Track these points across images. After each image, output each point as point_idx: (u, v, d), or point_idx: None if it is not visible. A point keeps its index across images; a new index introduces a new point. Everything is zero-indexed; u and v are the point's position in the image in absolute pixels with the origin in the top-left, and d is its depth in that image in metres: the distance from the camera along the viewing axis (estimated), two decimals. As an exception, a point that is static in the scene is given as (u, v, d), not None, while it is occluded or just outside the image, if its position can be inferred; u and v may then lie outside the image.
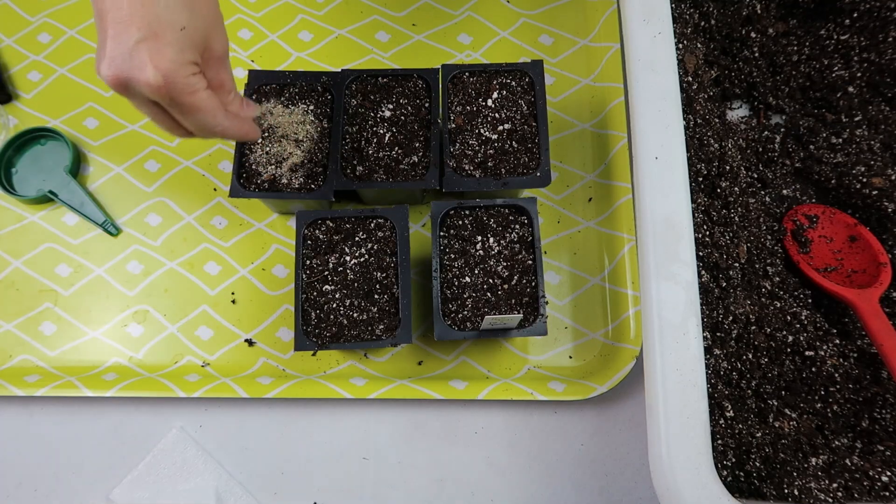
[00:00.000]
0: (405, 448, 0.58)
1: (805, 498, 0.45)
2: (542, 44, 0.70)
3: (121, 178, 0.65)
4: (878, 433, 0.50)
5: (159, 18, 0.39)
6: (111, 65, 0.39)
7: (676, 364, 0.43)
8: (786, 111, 0.63)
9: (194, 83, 0.41)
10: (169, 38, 0.39)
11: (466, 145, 0.58)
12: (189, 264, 0.62)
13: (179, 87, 0.40)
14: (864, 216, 0.58)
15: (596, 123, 0.66)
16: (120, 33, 0.38)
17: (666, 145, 0.47)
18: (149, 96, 0.40)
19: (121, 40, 0.38)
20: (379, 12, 0.71)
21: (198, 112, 0.42)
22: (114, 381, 0.58)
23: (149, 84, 0.39)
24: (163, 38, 0.39)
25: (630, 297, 0.58)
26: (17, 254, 0.63)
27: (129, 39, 0.38)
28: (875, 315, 0.51)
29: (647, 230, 0.46)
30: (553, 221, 0.63)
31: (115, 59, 0.38)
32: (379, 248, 0.56)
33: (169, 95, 0.40)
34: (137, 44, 0.38)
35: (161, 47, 0.39)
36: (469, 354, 0.60)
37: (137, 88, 0.39)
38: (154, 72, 0.39)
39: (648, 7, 0.51)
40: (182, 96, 0.40)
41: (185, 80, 0.40)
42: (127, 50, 0.38)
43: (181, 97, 0.40)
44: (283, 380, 0.58)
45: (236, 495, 0.56)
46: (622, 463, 0.57)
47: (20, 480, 0.57)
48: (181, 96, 0.40)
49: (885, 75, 0.60)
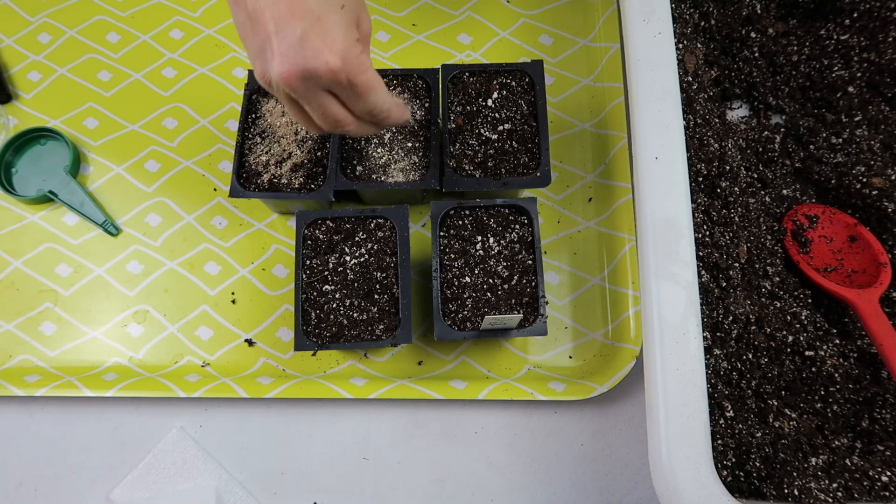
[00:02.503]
0: (405, 448, 0.58)
1: (805, 498, 0.45)
2: (542, 44, 0.70)
3: (121, 178, 0.65)
4: (878, 433, 0.50)
5: (319, 2, 0.37)
6: (284, 60, 0.37)
7: (676, 364, 0.43)
8: (786, 111, 0.63)
9: (365, 61, 0.39)
10: (334, 19, 0.38)
11: (466, 145, 0.58)
12: (189, 264, 0.62)
13: (355, 67, 0.38)
14: (864, 216, 0.58)
15: (596, 123, 0.66)
16: (283, 27, 0.37)
17: (666, 145, 0.47)
18: (326, 84, 0.39)
19: (287, 34, 0.37)
20: (379, 12, 0.71)
21: (371, 91, 0.40)
22: (114, 381, 0.58)
23: (328, 69, 0.37)
24: (328, 21, 0.37)
25: (630, 297, 0.58)
26: (17, 254, 0.63)
27: (295, 30, 0.37)
28: (875, 315, 0.51)
29: (647, 230, 0.46)
30: (553, 221, 0.63)
31: (286, 53, 0.37)
32: (379, 248, 0.56)
33: (347, 77, 0.38)
34: (305, 32, 0.37)
35: (329, 29, 0.37)
36: (469, 354, 0.60)
37: (316, 77, 0.38)
38: (331, 55, 0.37)
39: (648, 7, 0.51)
40: (358, 76, 0.39)
41: (358, 58, 0.39)
42: (296, 41, 0.37)
43: (357, 76, 0.39)
44: (283, 380, 0.58)
45: (236, 495, 0.56)
46: (622, 463, 0.57)
47: (20, 480, 0.57)
48: (357, 76, 0.39)
49: (885, 75, 0.60)
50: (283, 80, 0.38)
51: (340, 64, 0.37)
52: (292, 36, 0.37)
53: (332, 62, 0.37)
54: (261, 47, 0.38)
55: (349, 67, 0.38)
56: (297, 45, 0.37)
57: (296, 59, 0.37)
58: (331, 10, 0.38)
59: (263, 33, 0.37)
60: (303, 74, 0.37)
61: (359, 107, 0.41)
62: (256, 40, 0.38)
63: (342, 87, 0.39)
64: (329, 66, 0.37)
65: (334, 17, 0.38)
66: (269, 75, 0.39)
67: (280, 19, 0.37)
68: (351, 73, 0.38)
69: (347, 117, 0.42)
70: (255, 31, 0.38)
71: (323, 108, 0.41)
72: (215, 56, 0.70)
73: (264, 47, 0.38)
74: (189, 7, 0.71)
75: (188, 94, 0.68)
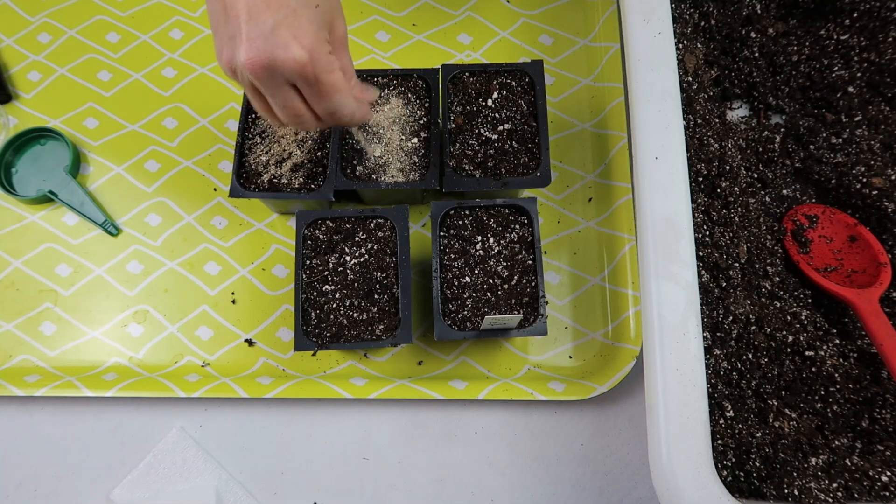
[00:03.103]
0: (405, 448, 0.58)
1: (805, 498, 0.45)
2: (542, 44, 0.70)
3: (121, 178, 0.65)
4: (878, 433, 0.50)
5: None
6: (251, 47, 0.37)
7: (676, 364, 0.43)
8: (786, 111, 0.63)
9: (332, 61, 0.40)
10: (308, 16, 0.38)
11: (466, 145, 0.58)
12: (189, 264, 0.62)
13: (322, 65, 0.39)
14: (864, 216, 0.58)
15: (596, 123, 0.66)
16: (257, 15, 0.37)
17: (666, 145, 0.47)
18: (291, 77, 0.39)
19: (258, 21, 0.37)
20: (379, 12, 0.71)
21: (335, 93, 0.41)
22: (114, 381, 0.58)
23: (294, 61, 0.38)
24: (302, 16, 0.38)
25: (630, 297, 0.58)
26: (17, 254, 0.63)
27: (267, 20, 0.37)
28: (875, 315, 0.51)
29: (647, 230, 0.46)
30: (553, 221, 0.63)
31: (254, 40, 0.37)
32: (379, 248, 0.56)
33: (313, 73, 0.39)
34: (277, 23, 0.37)
35: (301, 24, 0.38)
36: (469, 354, 0.60)
37: (281, 69, 0.38)
38: (299, 48, 0.37)
39: (648, 7, 0.51)
40: (323, 74, 0.39)
41: (326, 56, 0.39)
42: (267, 30, 0.37)
43: (322, 75, 0.39)
44: (283, 380, 0.58)
45: (236, 495, 0.56)
46: (622, 463, 0.57)
47: (20, 480, 0.57)
48: (322, 74, 0.39)
49: (885, 75, 0.60)
50: (249, 67, 0.38)
51: (307, 58, 0.38)
52: (263, 25, 0.37)
53: (298, 55, 0.38)
54: (230, 34, 0.38)
55: (316, 64, 0.38)
56: (268, 34, 0.37)
57: (264, 48, 0.37)
58: (305, 7, 0.38)
59: (235, 21, 0.38)
60: (269, 63, 0.38)
61: (321, 107, 0.42)
62: (228, 28, 0.38)
63: (307, 84, 0.40)
64: (295, 59, 0.38)
65: (308, 13, 0.38)
66: (234, 62, 0.39)
67: (254, 8, 0.37)
68: (317, 69, 0.39)
69: (307, 114, 0.43)
70: (228, 20, 0.38)
71: (284, 102, 0.41)
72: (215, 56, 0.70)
73: (234, 34, 0.38)
74: (189, 7, 0.71)
75: (188, 94, 0.68)
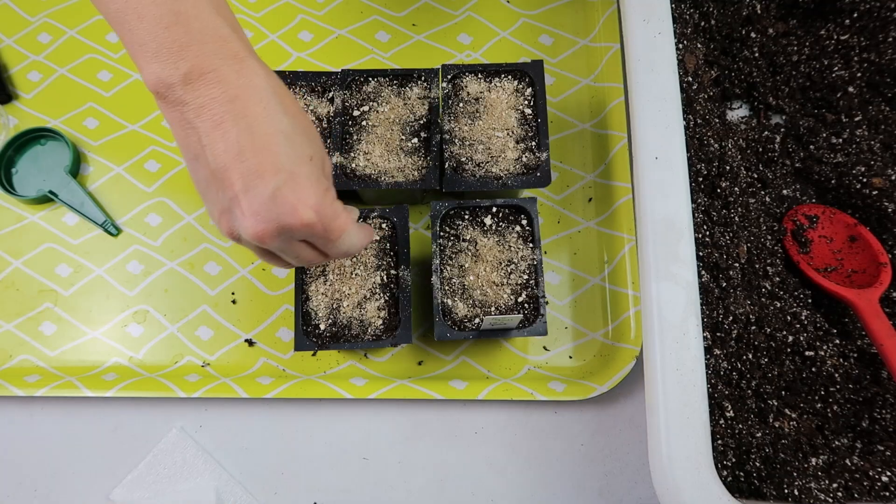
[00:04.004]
0: (405, 448, 0.58)
1: (805, 498, 0.45)
2: (542, 44, 0.70)
3: (121, 178, 0.65)
4: (878, 433, 0.50)
5: (288, 155, 0.36)
6: (258, 219, 0.35)
7: (676, 364, 0.43)
8: (786, 111, 0.63)
9: (337, 207, 0.39)
10: (305, 173, 0.36)
11: (466, 145, 0.58)
12: (189, 264, 0.62)
13: (329, 216, 0.38)
14: (864, 216, 0.58)
15: (596, 123, 0.66)
16: (254, 185, 0.35)
17: (666, 145, 0.48)
18: (301, 236, 0.38)
19: (257, 192, 0.35)
20: (379, 12, 0.71)
21: (345, 234, 0.39)
22: (114, 381, 0.58)
23: (303, 223, 0.36)
24: (299, 175, 0.36)
25: (630, 297, 0.58)
26: (17, 254, 0.63)
27: (266, 189, 0.35)
28: (875, 315, 0.51)
29: (647, 230, 0.46)
30: (553, 221, 0.63)
31: (258, 212, 0.35)
32: (379, 247, 0.56)
33: (322, 227, 0.37)
34: (277, 189, 0.35)
35: (301, 184, 0.36)
36: (469, 354, 0.60)
37: (290, 232, 0.37)
38: (306, 209, 0.36)
39: (648, 7, 0.51)
40: (331, 223, 0.38)
41: (331, 207, 0.38)
42: (268, 198, 0.35)
43: (331, 224, 0.38)
44: (283, 380, 0.58)
45: (236, 495, 0.56)
46: (622, 463, 0.57)
47: (20, 480, 0.57)
48: (331, 223, 0.38)
49: (885, 75, 0.60)
50: (258, 238, 0.36)
51: (315, 217, 0.36)
52: (263, 194, 0.35)
53: (307, 217, 0.36)
54: (227, 206, 0.36)
55: (323, 218, 0.37)
56: (270, 203, 0.35)
57: (269, 217, 0.35)
58: (301, 164, 0.36)
59: (231, 192, 0.35)
60: (277, 231, 0.36)
61: (333, 250, 0.41)
62: (222, 198, 0.36)
63: (318, 237, 0.39)
64: (304, 222, 0.36)
65: (305, 170, 0.36)
66: (237, 233, 0.37)
67: (249, 177, 0.35)
68: (325, 223, 0.37)
69: (321, 257, 0.42)
70: (221, 189, 0.36)
71: (297, 255, 0.40)
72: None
73: (231, 206, 0.36)
74: (189, 7, 0.71)
75: (188, 94, 0.68)
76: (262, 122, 0.35)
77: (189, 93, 0.35)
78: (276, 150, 0.35)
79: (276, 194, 0.35)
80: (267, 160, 0.35)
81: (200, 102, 0.35)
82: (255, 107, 0.35)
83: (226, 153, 0.35)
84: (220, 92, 0.35)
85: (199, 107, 0.35)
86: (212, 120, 0.35)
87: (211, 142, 0.35)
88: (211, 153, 0.35)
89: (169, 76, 0.34)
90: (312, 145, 0.38)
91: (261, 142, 0.35)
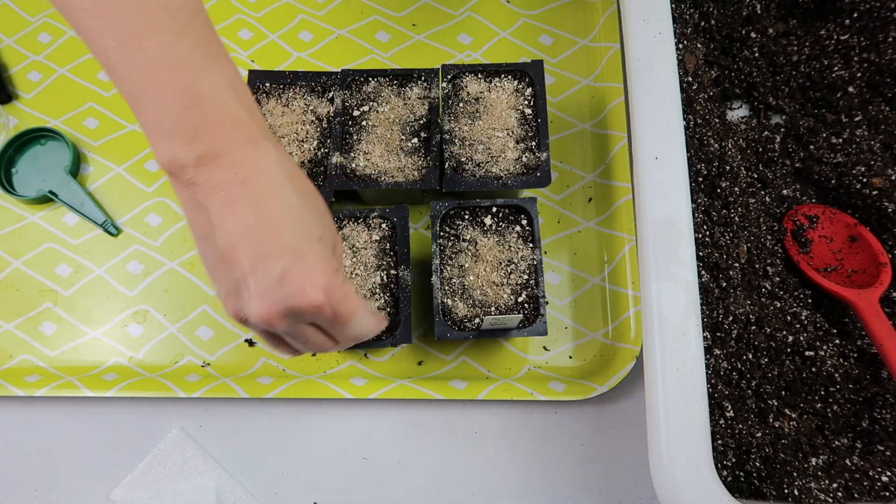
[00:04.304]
0: (405, 448, 0.58)
1: (805, 498, 0.45)
2: (542, 44, 0.70)
3: (121, 178, 0.65)
4: (878, 433, 0.50)
5: (297, 236, 0.35)
6: (264, 302, 0.34)
7: (676, 364, 0.43)
8: (786, 111, 0.63)
9: (347, 289, 0.37)
10: (315, 253, 0.35)
11: (466, 145, 0.58)
12: (189, 264, 0.62)
13: (339, 298, 0.36)
14: (864, 216, 0.58)
15: (596, 123, 0.66)
16: (262, 266, 0.34)
17: (666, 145, 0.48)
18: (309, 319, 0.37)
19: (265, 273, 0.34)
20: (379, 12, 0.71)
21: (354, 318, 0.38)
22: (114, 381, 0.58)
23: (312, 305, 0.35)
24: (308, 256, 0.35)
25: (630, 297, 0.58)
26: (17, 254, 0.63)
27: (274, 269, 0.34)
28: (875, 315, 0.51)
29: (647, 230, 0.46)
30: (553, 221, 0.63)
31: (265, 294, 0.34)
32: (379, 247, 0.56)
33: (331, 310, 0.36)
34: (286, 270, 0.34)
35: (310, 265, 0.35)
36: (469, 354, 0.60)
37: (299, 314, 0.35)
38: (314, 291, 0.35)
39: (648, 7, 0.51)
40: (341, 305, 0.36)
41: (340, 289, 0.36)
42: (275, 280, 0.34)
43: (340, 307, 0.36)
44: (283, 380, 0.58)
45: (236, 495, 0.56)
46: (622, 463, 0.57)
47: (20, 480, 0.57)
48: (340, 306, 0.36)
49: (885, 75, 0.60)
50: (264, 321, 0.35)
51: (324, 299, 0.35)
52: (271, 275, 0.34)
53: (315, 298, 0.35)
54: (234, 287, 0.35)
55: (333, 300, 0.36)
56: (277, 285, 0.34)
57: (276, 299, 0.34)
58: (310, 244, 0.36)
59: (238, 272, 0.35)
60: (285, 313, 0.35)
61: (343, 334, 0.40)
62: (230, 278, 0.35)
63: (326, 320, 0.37)
64: (312, 303, 0.35)
65: (315, 250, 0.36)
66: (244, 315, 0.36)
67: (258, 257, 0.34)
68: (334, 305, 0.36)
69: (329, 342, 0.40)
70: (229, 269, 0.35)
71: (305, 339, 0.39)
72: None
73: (239, 287, 0.35)
74: (189, 7, 0.71)
75: (188, 94, 0.68)
76: (271, 202, 0.35)
77: (201, 174, 0.34)
78: (285, 231, 0.35)
79: (283, 275, 0.34)
80: (275, 240, 0.34)
81: (212, 184, 0.34)
82: (265, 188, 0.35)
83: (234, 233, 0.34)
84: (233, 174, 0.34)
85: (210, 188, 0.34)
86: (222, 201, 0.34)
87: (220, 222, 0.34)
88: (220, 233, 0.34)
89: (182, 157, 0.34)
90: (323, 225, 0.38)
91: (270, 222, 0.34)
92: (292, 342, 0.40)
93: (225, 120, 0.35)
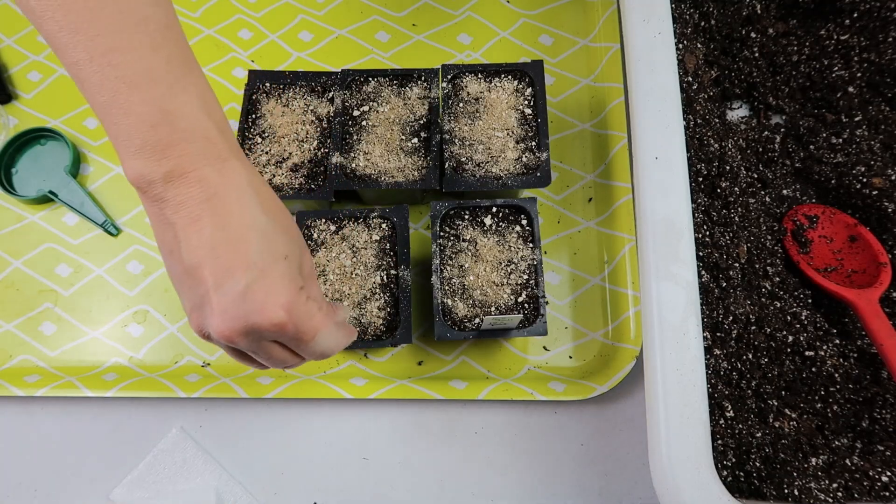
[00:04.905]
0: (405, 448, 0.58)
1: (805, 498, 0.45)
2: (542, 44, 0.70)
3: (121, 178, 0.65)
4: (878, 433, 0.50)
5: (261, 253, 0.35)
6: (225, 318, 0.34)
7: (676, 364, 0.43)
8: (786, 111, 0.63)
9: (311, 308, 0.37)
10: (279, 271, 0.36)
11: (466, 145, 0.58)
12: (189, 264, 0.62)
13: (301, 317, 0.36)
14: (864, 216, 0.58)
15: (596, 123, 0.66)
16: (224, 282, 0.34)
17: (666, 145, 0.47)
18: (271, 337, 0.37)
19: (227, 289, 0.34)
20: (379, 12, 0.71)
21: (318, 336, 0.38)
22: (114, 381, 0.58)
23: (273, 324, 0.35)
24: (272, 273, 0.35)
25: (630, 297, 0.58)
26: (17, 254, 0.63)
27: (236, 285, 0.34)
28: (875, 315, 0.51)
29: (647, 230, 0.46)
30: (553, 221, 0.63)
31: (227, 310, 0.34)
32: (379, 248, 0.56)
33: (294, 328, 0.36)
34: (248, 287, 0.34)
35: (273, 282, 0.35)
36: (469, 354, 0.60)
37: (259, 332, 0.36)
38: (275, 309, 0.35)
39: (648, 7, 0.51)
40: (303, 324, 0.37)
41: (304, 306, 0.37)
42: (238, 296, 0.34)
43: (302, 325, 0.37)
44: (283, 380, 0.58)
45: (236, 495, 0.56)
46: (622, 463, 0.57)
47: (20, 480, 0.57)
48: (302, 324, 0.37)
49: (885, 75, 0.60)
50: (225, 337, 0.35)
51: (286, 317, 0.35)
52: (233, 291, 0.34)
53: (276, 317, 0.35)
54: (198, 303, 0.36)
55: (295, 319, 0.36)
56: (239, 301, 0.34)
57: (236, 315, 0.35)
58: (275, 262, 0.36)
59: (202, 288, 0.35)
60: (245, 330, 0.35)
61: (307, 351, 0.39)
62: (194, 294, 0.36)
63: (289, 338, 0.37)
64: (272, 322, 0.35)
65: (279, 268, 0.36)
66: (206, 331, 0.36)
67: (220, 273, 0.34)
68: (296, 323, 0.36)
69: (293, 359, 0.40)
70: (194, 285, 0.35)
71: (268, 356, 0.39)
72: (215, 56, 0.70)
73: (202, 303, 0.35)
74: (189, 7, 0.71)
75: (188, 94, 0.68)
76: (237, 220, 0.35)
77: (169, 190, 0.34)
78: (250, 248, 0.35)
79: (246, 292, 0.34)
80: (239, 257, 0.34)
81: (179, 200, 0.34)
82: (232, 205, 0.35)
83: (199, 249, 0.34)
84: (199, 191, 0.34)
85: (177, 204, 0.34)
86: (188, 216, 0.34)
87: (186, 237, 0.34)
88: (185, 248, 0.35)
89: (150, 173, 0.34)
90: (290, 244, 0.37)
91: (235, 239, 0.35)
92: (256, 358, 0.40)
93: (194, 137, 0.35)
